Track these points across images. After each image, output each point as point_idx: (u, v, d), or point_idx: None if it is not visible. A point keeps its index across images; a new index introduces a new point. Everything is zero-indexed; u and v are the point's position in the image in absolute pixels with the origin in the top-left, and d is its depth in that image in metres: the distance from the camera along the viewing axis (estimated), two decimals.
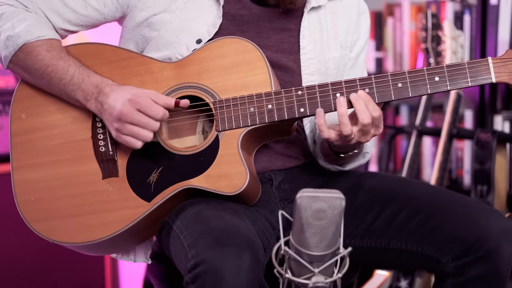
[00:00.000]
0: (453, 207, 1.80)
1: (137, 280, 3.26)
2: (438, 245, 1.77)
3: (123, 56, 1.86)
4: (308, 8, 1.89)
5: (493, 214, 1.76)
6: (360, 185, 1.90)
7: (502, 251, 1.71)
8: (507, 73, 1.74)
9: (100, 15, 1.87)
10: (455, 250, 1.75)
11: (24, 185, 1.86)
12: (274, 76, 1.80)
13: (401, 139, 3.62)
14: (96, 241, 1.80)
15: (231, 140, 1.77)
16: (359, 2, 2.00)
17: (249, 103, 1.78)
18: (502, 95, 3.20)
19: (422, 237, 1.79)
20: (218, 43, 1.81)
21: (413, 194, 1.85)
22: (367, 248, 1.85)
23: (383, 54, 3.68)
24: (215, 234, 1.61)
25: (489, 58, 1.74)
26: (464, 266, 1.74)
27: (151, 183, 1.79)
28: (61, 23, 1.87)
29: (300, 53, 1.89)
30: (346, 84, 1.76)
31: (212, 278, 1.55)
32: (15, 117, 1.89)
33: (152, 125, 1.75)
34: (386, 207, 1.84)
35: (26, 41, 1.81)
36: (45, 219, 1.84)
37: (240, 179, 1.74)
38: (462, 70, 1.74)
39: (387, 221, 1.83)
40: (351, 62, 1.98)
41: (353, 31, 1.96)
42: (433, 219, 1.79)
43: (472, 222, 1.75)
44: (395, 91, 1.75)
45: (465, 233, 1.74)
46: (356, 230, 1.85)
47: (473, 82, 1.74)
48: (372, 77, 1.76)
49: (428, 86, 1.75)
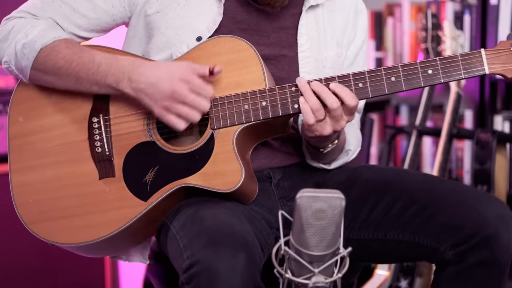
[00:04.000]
0: (449, 195, 1.79)
1: (137, 280, 3.27)
2: (435, 233, 1.77)
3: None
4: (307, 6, 1.89)
5: (490, 200, 1.76)
6: (356, 178, 1.90)
7: (500, 237, 1.70)
8: (500, 64, 1.74)
9: (109, 17, 1.87)
10: (453, 237, 1.74)
11: (22, 188, 1.86)
12: (268, 74, 1.81)
13: (401, 139, 3.62)
14: (94, 241, 1.80)
15: (226, 137, 1.77)
16: (357, 1, 2.00)
17: (243, 101, 1.78)
18: (502, 95, 3.21)
19: (419, 227, 1.79)
20: (213, 41, 1.82)
21: (408, 184, 1.85)
22: (365, 241, 1.85)
23: (383, 54, 3.68)
24: (210, 235, 1.61)
25: (481, 49, 1.74)
26: (463, 253, 1.73)
27: (147, 182, 1.79)
28: (72, 29, 1.87)
29: (297, 51, 1.89)
30: (339, 80, 1.76)
31: (206, 278, 1.55)
32: (13, 121, 1.89)
33: (204, 106, 1.74)
34: (381, 198, 1.84)
35: (43, 45, 1.81)
36: (43, 221, 1.84)
37: (235, 176, 1.74)
38: (455, 62, 1.74)
39: (383, 212, 1.83)
40: (349, 61, 1.98)
41: (349, 30, 1.97)
42: (429, 207, 1.78)
43: (469, 209, 1.74)
44: (388, 85, 1.75)
45: (462, 220, 1.74)
46: (353, 223, 1.85)
47: (467, 74, 1.74)
48: (366, 72, 1.76)
49: (421, 79, 1.75)
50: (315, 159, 1.94)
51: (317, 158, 1.93)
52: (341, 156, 1.95)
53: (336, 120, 1.74)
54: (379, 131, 3.71)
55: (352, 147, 1.96)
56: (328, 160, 1.94)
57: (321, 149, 1.86)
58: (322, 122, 1.74)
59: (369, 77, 1.75)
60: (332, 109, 1.72)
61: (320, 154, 1.88)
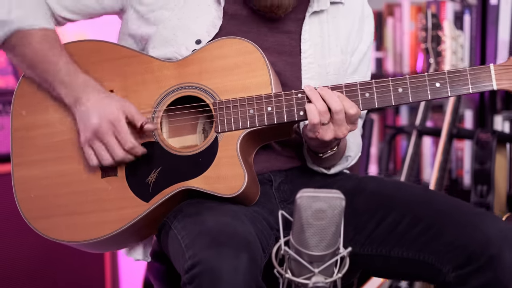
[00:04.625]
0: (454, 214, 1.78)
1: (137, 280, 3.27)
2: (439, 253, 1.75)
3: (124, 54, 1.85)
4: (310, 12, 1.87)
5: (493, 220, 1.75)
6: (361, 189, 1.89)
7: (503, 257, 1.68)
8: (509, 80, 1.73)
9: (98, 5, 1.88)
10: (456, 258, 1.73)
11: (24, 182, 1.86)
12: (275, 77, 1.80)
13: (401, 139, 3.62)
14: (95, 240, 1.80)
15: (230, 142, 1.77)
16: (363, 6, 1.98)
17: (249, 105, 1.77)
18: (502, 95, 3.21)
19: (424, 245, 1.77)
20: (219, 43, 1.81)
21: (413, 201, 1.84)
22: (368, 256, 1.84)
23: (383, 54, 3.68)
24: (213, 235, 1.61)
25: (491, 65, 1.73)
26: (466, 276, 1.71)
27: (150, 183, 1.79)
28: (59, 10, 1.88)
29: (301, 56, 1.88)
30: (346, 88, 1.75)
31: (209, 278, 1.54)
32: (16, 114, 1.89)
33: (117, 153, 1.76)
34: (388, 214, 1.82)
35: (19, 28, 1.83)
36: (44, 217, 1.84)
37: (238, 181, 1.74)
38: (463, 77, 1.73)
39: (389, 228, 1.82)
40: (352, 67, 1.96)
41: (354, 36, 1.94)
42: (434, 226, 1.77)
43: (473, 229, 1.73)
44: (395, 96, 1.75)
45: (466, 240, 1.72)
46: (358, 236, 1.84)
47: (474, 89, 1.73)
48: (373, 82, 1.75)
49: (428, 92, 1.74)
50: (315, 163, 1.93)
51: (317, 162, 1.93)
52: (341, 161, 1.95)
53: (338, 125, 1.74)
54: (379, 131, 3.71)
55: (352, 153, 1.95)
56: (327, 165, 1.94)
57: (320, 154, 1.85)
58: (325, 126, 1.74)
59: (376, 88, 1.75)
60: (335, 111, 1.72)
61: (320, 159, 1.88)
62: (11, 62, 1.94)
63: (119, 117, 1.76)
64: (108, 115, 1.76)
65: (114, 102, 1.78)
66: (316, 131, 1.74)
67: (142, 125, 1.76)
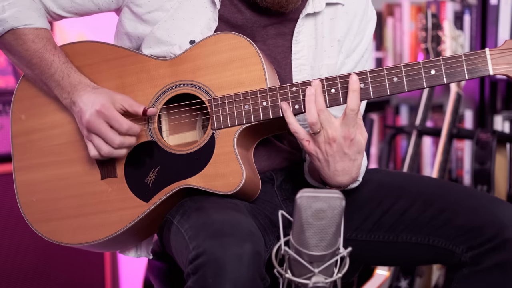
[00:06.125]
0: (465, 199, 1.79)
1: (137, 280, 3.27)
2: (451, 236, 1.77)
3: (120, 54, 1.86)
4: (304, 14, 1.84)
5: (507, 207, 1.77)
6: (367, 179, 1.89)
7: None
8: (506, 64, 1.68)
9: (94, 6, 1.88)
10: (470, 240, 1.75)
11: (26, 186, 1.87)
12: (270, 71, 1.78)
13: (401, 139, 3.62)
14: (96, 242, 1.81)
15: (226, 138, 1.76)
16: (367, 8, 1.96)
17: (243, 101, 1.76)
18: (502, 95, 3.21)
19: (435, 229, 1.79)
20: (213, 39, 1.80)
21: (423, 188, 1.85)
22: (375, 242, 1.85)
23: (383, 54, 3.68)
24: (216, 226, 1.61)
25: (486, 49, 1.69)
26: (481, 256, 1.74)
27: (149, 183, 1.79)
28: (55, 8, 1.88)
29: (291, 58, 1.86)
30: (340, 79, 1.73)
31: (213, 268, 1.54)
32: (15, 118, 1.90)
33: (115, 140, 1.76)
34: (396, 201, 1.83)
35: (13, 27, 1.83)
36: (46, 220, 1.85)
37: (236, 178, 1.74)
38: (459, 63, 1.69)
39: (396, 215, 1.83)
40: (349, 68, 1.93)
41: (353, 37, 1.92)
42: (446, 211, 1.79)
43: (486, 213, 1.75)
44: (390, 85, 1.72)
45: (479, 223, 1.74)
46: (364, 224, 1.85)
47: (470, 75, 1.69)
48: (367, 72, 1.72)
49: (424, 80, 1.71)
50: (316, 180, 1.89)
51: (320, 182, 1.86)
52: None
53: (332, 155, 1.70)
54: (379, 131, 3.71)
55: (360, 177, 1.88)
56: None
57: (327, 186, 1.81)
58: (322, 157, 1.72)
59: (371, 77, 1.72)
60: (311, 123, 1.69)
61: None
62: (10, 62, 1.93)
63: (107, 105, 1.76)
64: (96, 106, 1.76)
65: (103, 95, 1.79)
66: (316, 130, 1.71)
67: (145, 110, 1.77)
